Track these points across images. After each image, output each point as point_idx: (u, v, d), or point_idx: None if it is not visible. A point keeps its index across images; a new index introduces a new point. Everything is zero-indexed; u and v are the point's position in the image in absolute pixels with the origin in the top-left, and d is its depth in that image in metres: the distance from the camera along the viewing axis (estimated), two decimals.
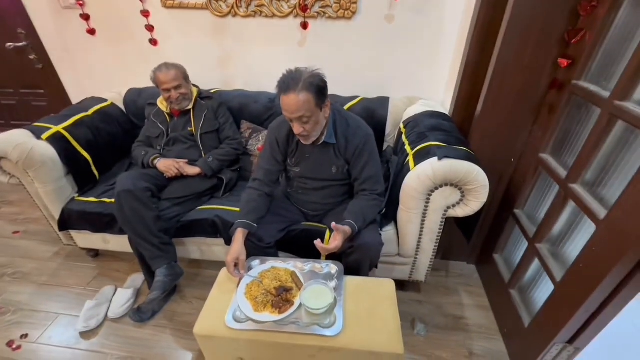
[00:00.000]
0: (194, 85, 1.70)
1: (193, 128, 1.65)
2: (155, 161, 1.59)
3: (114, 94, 1.96)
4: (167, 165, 1.56)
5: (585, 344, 1.03)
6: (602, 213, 0.92)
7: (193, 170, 1.58)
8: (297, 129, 1.13)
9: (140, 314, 1.45)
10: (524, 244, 1.34)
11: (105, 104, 1.85)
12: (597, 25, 0.99)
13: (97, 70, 2.08)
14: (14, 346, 1.39)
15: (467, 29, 1.45)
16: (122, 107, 1.93)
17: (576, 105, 1.11)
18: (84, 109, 1.75)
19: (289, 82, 1.06)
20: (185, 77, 1.61)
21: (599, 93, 0.97)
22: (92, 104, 1.81)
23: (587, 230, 1.03)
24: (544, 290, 1.22)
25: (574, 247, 1.09)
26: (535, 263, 1.25)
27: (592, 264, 0.93)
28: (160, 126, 1.65)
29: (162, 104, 1.66)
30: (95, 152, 1.69)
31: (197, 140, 1.65)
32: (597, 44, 1.00)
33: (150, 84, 1.60)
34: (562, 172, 1.12)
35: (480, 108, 1.29)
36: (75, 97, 2.23)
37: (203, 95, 1.71)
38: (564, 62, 1.09)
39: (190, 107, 1.63)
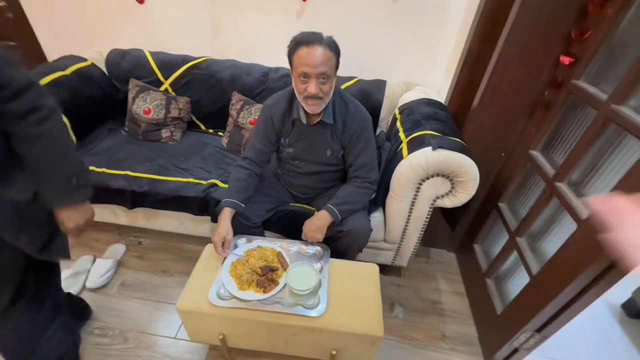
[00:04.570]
0: None
1: None
2: None
3: (95, 54, 1.82)
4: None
5: (551, 333, 1.10)
6: (584, 213, 0.94)
7: None
8: (313, 87, 1.03)
9: None
10: (505, 237, 1.38)
11: (85, 63, 1.72)
12: (604, 26, 0.97)
13: (76, 25, 1.91)
14: None
15: (472, 16, 1.41)
16: (103, 68, 1.80)
17: (572, 105, 1.11)
18: (62, 68, 1.62)
19: (309, 36, 1.01)
20: None
21: (596, 95, 0.97)
22: (70, 63, 1.67)
23: (567, 228, 1.06)
24: (519, 282, 1.27)
25: (553, 243, 1.13)
26: (514, 255, 1.30)
27: (568, 261, 0.97)
28: None
29: None
30: (73, 115, 1.58)
31: None
32: (600, 44, 0.99)
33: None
34: (550, 170, 1.14)
35: (477, 100, 1.28)
36: (51, 54, 2.06)
37: None
38: (566, 60, 1.08)
39: None
